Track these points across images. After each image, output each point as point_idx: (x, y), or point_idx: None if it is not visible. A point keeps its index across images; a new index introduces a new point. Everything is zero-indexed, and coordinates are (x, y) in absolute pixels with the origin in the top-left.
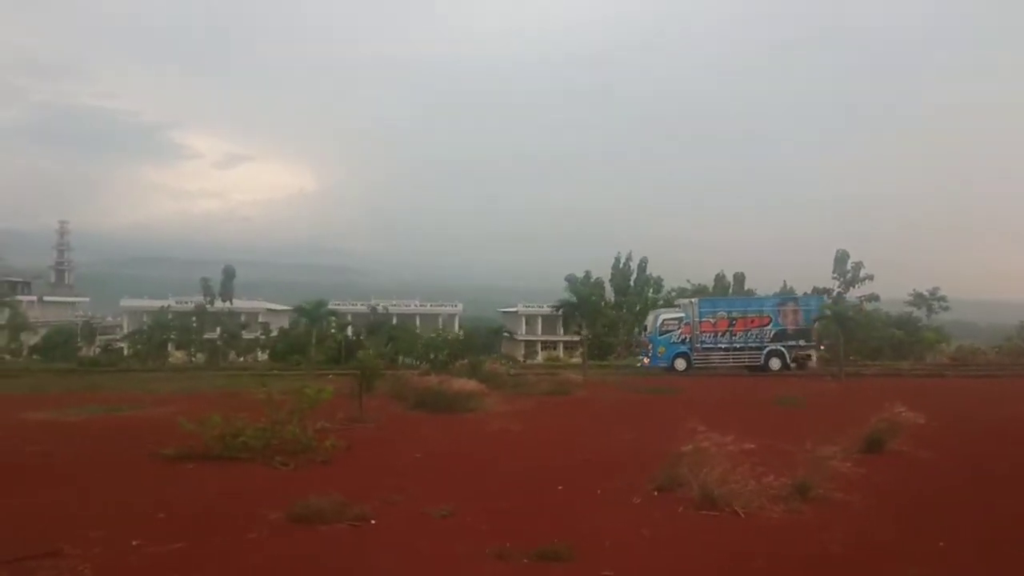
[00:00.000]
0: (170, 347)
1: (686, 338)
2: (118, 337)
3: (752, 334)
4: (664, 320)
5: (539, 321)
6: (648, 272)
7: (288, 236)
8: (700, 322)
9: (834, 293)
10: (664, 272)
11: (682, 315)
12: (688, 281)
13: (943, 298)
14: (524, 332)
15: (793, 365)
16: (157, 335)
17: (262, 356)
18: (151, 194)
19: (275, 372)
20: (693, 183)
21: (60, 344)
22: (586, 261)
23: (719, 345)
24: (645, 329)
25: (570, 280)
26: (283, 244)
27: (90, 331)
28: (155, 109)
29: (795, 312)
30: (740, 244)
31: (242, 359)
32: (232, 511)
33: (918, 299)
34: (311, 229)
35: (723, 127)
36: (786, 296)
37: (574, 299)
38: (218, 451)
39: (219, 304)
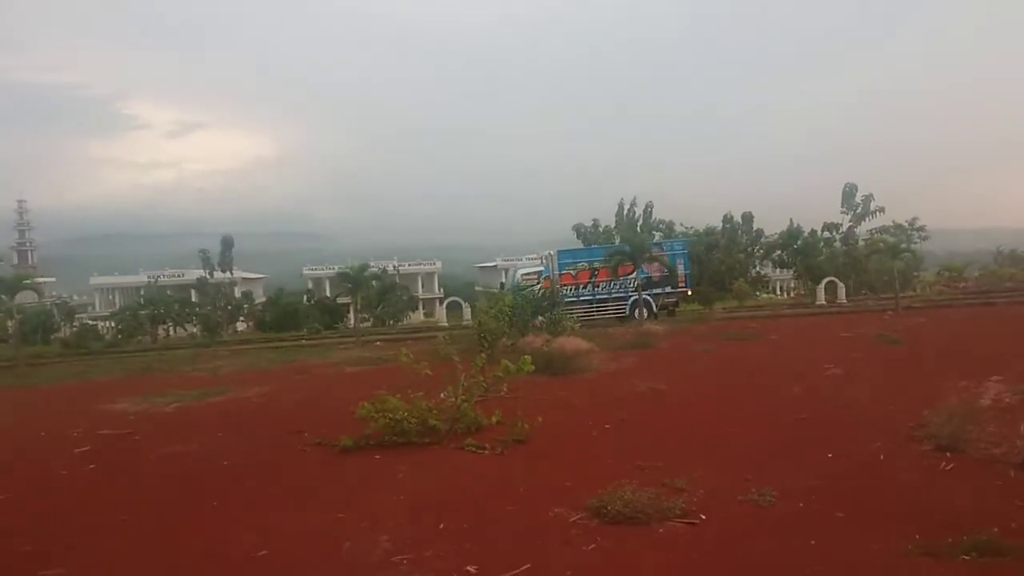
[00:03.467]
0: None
1: (546, 293)
2: (87, 316)
3: (616, 284)
4: (522, 275)
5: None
6: (654, 217)
7: (247, 204)
8: (560, 275)
9: (844, 228)
10: (672, 217)
11: (541, 269)
12: (681, 224)
13: (922, 228)
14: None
15: (663, 313)
16: (149, 311)
17: (242, 327)
18: (102, 169)
19: (303, 342)
20: (684, 126)
21: (39, 327)
22: (567, 214)
23: (582, 298)
24: (502, 287)
25: (578, 229)
26: (243, 213)
27: (68, 312)
28: (102, 81)
29: (660, 258)
30: (746, 185)
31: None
32: (510, 513)
33: (898, 229)
34: (271, 196)
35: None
36: (651, 242)
37: (626, 247)
38: (390, 437)
39: (219, 275)
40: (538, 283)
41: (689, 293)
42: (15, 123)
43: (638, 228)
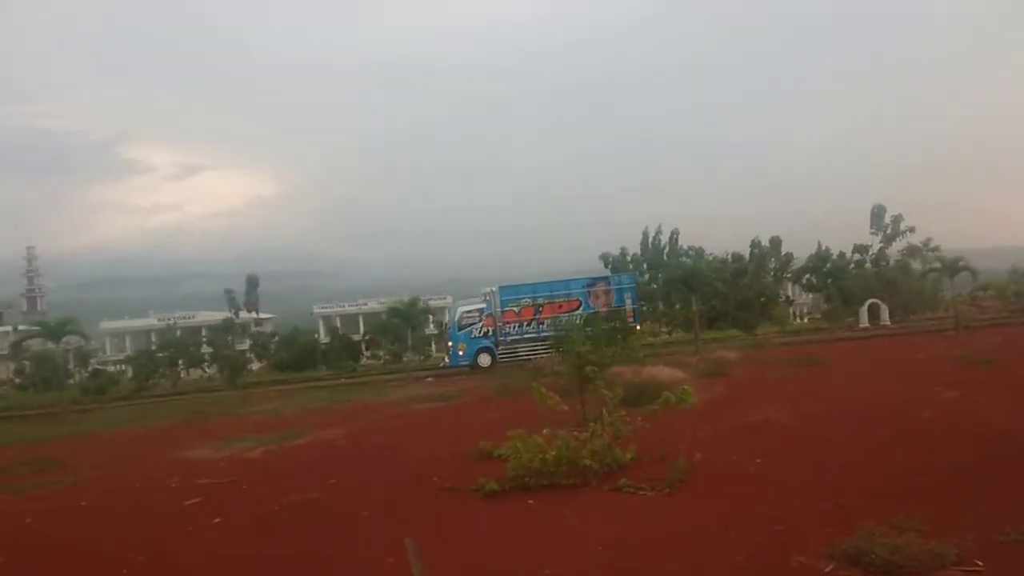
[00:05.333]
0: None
1: (488, 331)
2: (96, 361)
3: (562, 320)
4: (463, 313)
5: None
6: (680, 244)
7: (250, 245)
8: (503, 312)
9: (875, 249)
10: (700, 244)
11: (483, 306)
12: (695, 249)
13: (937, 248)
14: None
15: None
16: (168, 354)
17: (255, 367)
18: (105, 213)
19: (343, 380)
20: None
21: (56, 372)
22: (582, 243)
23: (526, 335)
24: (441, 325)
25: (605, 259)
26: (246, 253)
27: (82, 357)
28: (102, 127)
29: (607, 293)
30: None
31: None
32: (744, 564)
33: (912, 250)
34: (274, 236)
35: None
36: (596, 276)
37: (679, 273)
38: (531, 478)
39: (244, 315)
40: (479, 320)
41: (638, 328)
42: (17, 170)
43: (664, 256)
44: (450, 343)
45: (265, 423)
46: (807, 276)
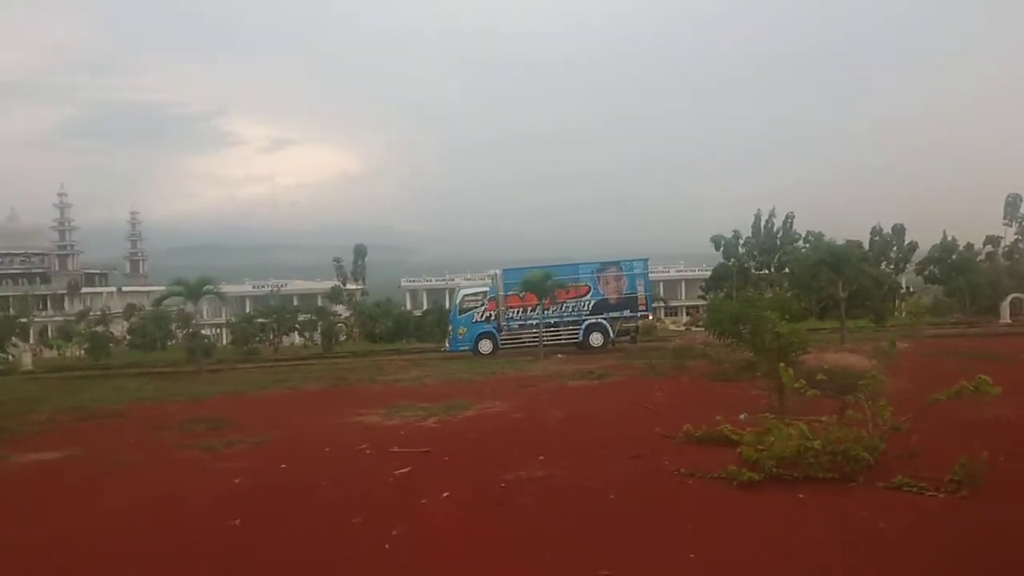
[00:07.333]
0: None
1: (491, 315)
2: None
3: (568, 306)
4: (465, 296)
5: None
6: (794, 228)
7: (334, 218)
8: (506, 296)
9: (1009, 241)
10: (816, 227)
11: (486, 289)
12: (815, 233)
13: None
14: None
15: (626, 339)
16: (270, 320)
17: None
18: (198, 183)
19: (455, 357)
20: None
21: (169, 332)
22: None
23: (530, 321)
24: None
25: (717, 241)
26: (329, 226)
27: (185, 319)
28: (200, 99)
29: (617, 279)
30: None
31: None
32: None
33: (992, 242)
34: (355, 210)
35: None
36: (607, 261)
37: (825, 258)
38: (780, 470)
39: (351, 285)
40: (482, 304)
41: (650, 317)
42: (121, 139)
43: (777, 240)
44: (451, 327)
45: (417, 392)
46: (931, 267)
